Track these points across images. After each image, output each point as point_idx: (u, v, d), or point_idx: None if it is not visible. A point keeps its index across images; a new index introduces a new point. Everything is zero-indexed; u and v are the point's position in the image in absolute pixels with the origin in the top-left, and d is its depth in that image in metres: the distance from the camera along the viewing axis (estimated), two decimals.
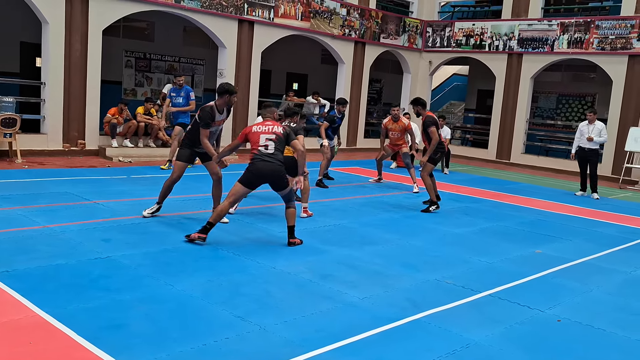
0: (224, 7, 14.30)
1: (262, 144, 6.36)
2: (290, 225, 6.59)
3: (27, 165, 10.76)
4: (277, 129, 6.46)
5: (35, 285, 4.75)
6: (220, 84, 7.13)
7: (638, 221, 9.86)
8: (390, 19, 18.79)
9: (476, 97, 22.38)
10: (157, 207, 7.34)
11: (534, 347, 4.31)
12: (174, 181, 7.22)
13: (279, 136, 6.43)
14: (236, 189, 6.43)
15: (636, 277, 6.42)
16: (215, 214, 6.37)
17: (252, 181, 6.40)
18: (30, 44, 14.08)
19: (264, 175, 6.33)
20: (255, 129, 6.48)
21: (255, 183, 6.43)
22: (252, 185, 6.43)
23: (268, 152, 6.33)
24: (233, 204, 6.60)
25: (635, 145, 14.66)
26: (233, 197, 6.48)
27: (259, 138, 6.39)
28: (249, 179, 6.38)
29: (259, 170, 6.30)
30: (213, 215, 6.38)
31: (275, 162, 6.33)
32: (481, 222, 8.78)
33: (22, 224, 6.54)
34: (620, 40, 15.75)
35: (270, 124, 6.53)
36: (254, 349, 3.90)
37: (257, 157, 6.34)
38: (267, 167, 6.29)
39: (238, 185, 6.42)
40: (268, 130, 6.43)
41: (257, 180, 6.40)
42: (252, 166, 6.34)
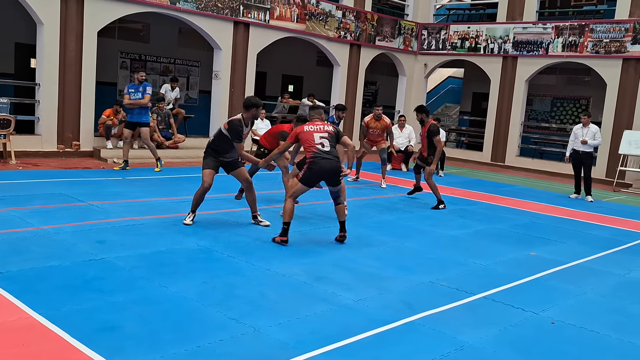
0: (219, 8, 14.30)
1: (318, 142, 6.62)
2: (341, 221, 6.89)
3: (22, 167, 10.73)
4: (329, 127, 6.77)
5: (29, 286, 4.73)
6: (247, 97, 7.30)
7: (632, 224, 9.90)
8: (386, 21, 18.82)
9: (471, 100, 22.45)
10: (193, 215, 7.28)
11: (528, 349, 4.32)
12: (205, 190, 7.18)
13: (331, 134, 6.73)
14: (297, 188, 6.69)
15: (630, 279, 6.44)
16: (287, 215, 6.58)
17: (314, 179, 6.68)
18: (25, 44, 14.04)
19: (326, 172, 6.61)
20: (308, 129, 6.72)
21: (316, 181, 6.74)
22: (313, 183, 6.74)
23: (325, 150, 6.60)
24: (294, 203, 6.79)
25: (629, 148, 14.73)
26: (294, 195, 6.72)
27: (313, 137, 6.65)
28: (311, 178, 6.66)
29: (322, 168, 6.57)
30: (285, 217, 6.59)
31: (334, 159, 6.62)
32: (476, 224, 8.79)
33: (16, 225, 6.52)
34: (615, 43, 15.82)
35: (321, 124, 6.82)
36: (248, 351, 3.90)
37: (317, 155, 6.58)
38: (328, 164, 6.57)
39: (299, 185, 6.66)
40: (321, 129, 6.72)
41: (318, 178, 6.71)
42: (314, 165, 6.57)
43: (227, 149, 7.14)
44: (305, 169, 6.65)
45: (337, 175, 6.64)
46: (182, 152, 13.63)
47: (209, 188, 7.19)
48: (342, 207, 6.89)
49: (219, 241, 6.55)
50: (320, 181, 6.87)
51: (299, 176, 6.70)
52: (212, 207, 8.13)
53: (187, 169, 12.06)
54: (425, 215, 9.19)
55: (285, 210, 6.64)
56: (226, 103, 15.12)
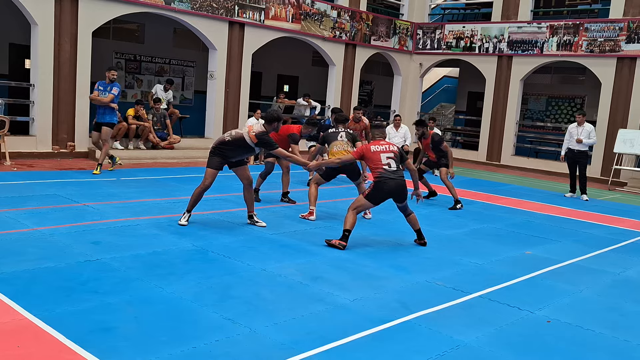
0: (214, 9, 14.28)
1: (385, 162, 6.79)
2: (416, 229, 7.15)
3: (16, 168, 10.70)
4: (394, 148, 6.95)
5: (24, 288, 4.71)
6: (269, 111, 7.44)
7: (627, 222, 9.92)
8: (381, 21, 18.83)
9: (466, 99, 22.48)
10: (188, 215, 7.26)
11: (524, 348, 4.32)
12: (205, 189, 7.17)
13: (396, 154, 6.90)
14: (362, 203, 6.87)
15: (625, 278, 6.46)
16: (349, 224, 6.71)
17: (379, 198, 6.83)
18: (19, 45, 14.00)
19: (393, 192, 6.80)
20: (374, 149, 6.89)
21: (381, 199, 6.87)
22: (379, 201, 6.89)
23: (393, 170, 6.77)
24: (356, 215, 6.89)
25: (624, 147, 14.77)
26: (357, 210, 6.86)
27: (380, 157, 6.82)
28: (378, 197, 6.82)
29: (390, 189, 6.76)
30: (346, 225, 6.71)
31: (400, 179, 6.78)
32: (471, 223, 8.80)
33: (10, 226, 6.50)
34: (609, 42, 15.87)
35: (385, 144, 7.00)
36: (244, 352, 3.89)
37: (384, 176, 6.73)
38: (395, 184, 6.74)
39: (364, 201, 6.84)
40: (387, 149, 6.89)
41: (385, 197, 6.86)
42: (383, 185, 6.74)
43: (241, 153, 7.22)
44: (371, 187, 6.82)
45: (403, 194, 6.84)
46: (178, 152, 13.60)
47: (209, 187, 7.18)
48: (414, 216, 7.11)
49: (214, 242, 6.54)
50: (385, 199, 6.96)
51: (365, 193, 6.87)
52: (208, 207, 8.12)
53: (183, 170, 12.04)
54: (420, 214, 9.17)
55: (346, 219, 6.77)
56: (221, 103, 15.10)
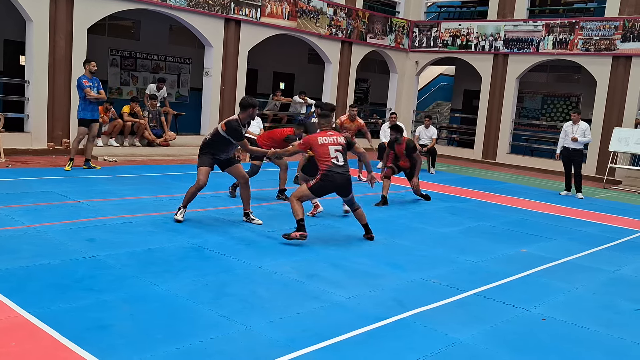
0: (210, 5, 14.25)
1: (333, 155, 6.68)
2: (363, 224, 7.01)
3: (11, 164, 10.66)
4: (341, 139, 6.82)
5: (19, 285, 4.70)
6: (243, 97, 7.33)
7: (622, 221, 9.95)
8: (377, 18, 18.82)
9: (462, 98, 22.51)
10: (184, 210, 7.24)
11: (519, 345, 4.34)
12: (200, 188, 7.15)
13: (343, 146, 6.78)
14: (305, 193, 6.73)
15: (620, 276, 6.48)
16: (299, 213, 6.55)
17: (324, 190, 6.74)
18: (14, 42, 13.94)
19: (337, 185, 6.70)
20: (322, 141, 6.75)
21: (326, 192, 6.79)
22: (322, 193, 6.81)
23: (340, 164, 6.68)
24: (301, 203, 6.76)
25: (619, 146, 14.81)
26: (301, 200, 6.71)
27: (328, 150, 6.70)
28: (323, 190, 6.73)
29: (336, 184, 6.68)
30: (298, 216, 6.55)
31: (346, 174, 6.70)
32: (467, 221, 8.82)
33: (5, 223, 6.47)
34: (605, 41, 15.90)
35: (333, 135, 6.85)
36: (240, 349, 3.89)
37: (332, 170, 6.64)
38: (341, 179, 6.66)
39: (307, 192, 6.71)
40: (334, 142, 6.76)
41: (328, 189, 6.75)
42: (330, 179, 6.63)
43: (224, 149, 7.17)
44: (317, 179, 6.70)
45: (348, 188, 6.78)
46: (173, 149, 13.58)
47: (203, 186, 7.17)
48: (361, 211, 7.00)
49: (210, 239, 6.54)
50: (329, 192, 6.89)
51: (310, 184, 6.74)
52: (203, 204, 8.11)
53: (178, 167, 12.02)
54: (416, 212, 9.21)
55: (294, 210, 6.62)
56: (217, 100, 15.08)
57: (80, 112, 10.61)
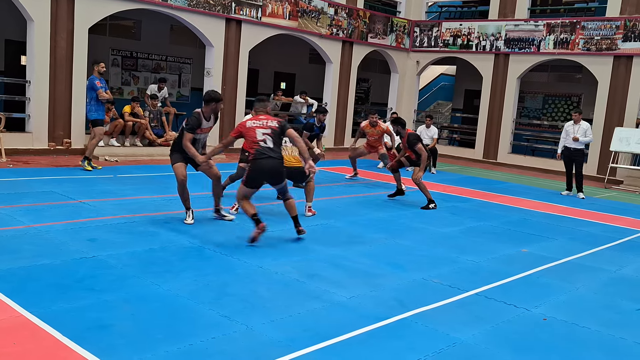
0: (211, 5, 14.25)
1: (260, 138, 6.33)
2: (293, 216, 6.71)
3: (12, 164, 10.66)
4: (272, 123, 6.45)
5: (20, 285, 4.70)
6: (207, 91, 7.17)
7: (623, 220, 9.95)
8: (378, 18, 18.82)
9: (463, 97, 22.50)
10: (191, 212, 7.23)
11: (520, 345, 4.33)
12: (183, 182, 7.07)
13: (274, 130, 6.41)
14: (243, 192, 6.48)
15: (621, 276, 6.47)
16: (249, 211, 6.38)
17: (256, 180, 6.43)
18: (15, 41, 13.95)
19: (266, 172, 6.36)
20: (250, 124, 6.44)
21: (260, 181, 6.46)
22: (257, 184, 6.48)
23: (268, 147, 6.33)
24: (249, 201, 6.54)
25: (620, 145, 14.80)
26: (244, 198, 6.49)
27: (256, 133, 6.35)
28: (253, 179, 6.41)
29: (264, 168, 6.32)
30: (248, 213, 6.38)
31: (276, 158, 6.36)
32: (468, 221, 8.81)
33: (6, 223, 6.48)
34: (606, 41, 15.89)
35: (265, 118, 6.52)
36: (241, 349, 3.89)
37: (258, 153, 6.31)
38: (269, 163, 6.31)
39: (243, 188, 6.46)
40: (264, 125, 6.41)
41: (260, 178, 6.43)
42: (254, 165, 6.32)
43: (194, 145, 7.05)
44: (247, 170, 6.42)
45: (278, 174, 6.45)
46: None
47: (184, 179, 7.05)
48: (292, 201, 6.67)
49: (211, 239, 6.54)
50: (265, 181, 6.56)
51: (243, 179, 6.48)
52: (203, 205, 8.11)
53: None
54: (417, 212, 9.21)
55: (243, 209, 6.46)
56: None
57: (94, 113, 10.75)
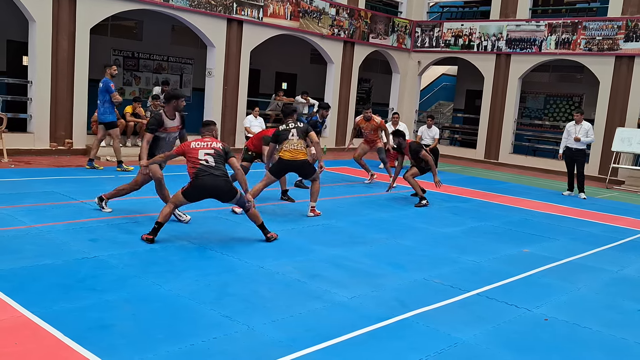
0: (212, 6, 14.26)
1: (202, 158, 6.36)
2: (259, 224, 6.66)
3: (14, 165, 10.68)
4: (216, 145, 6.50)
5: (21, 285, 4.71)
6: (167, 90, 7.12)
7: (624, 221, 9.93)
8: (379, 19, 18.82)
9: (465, 98, 22.48)
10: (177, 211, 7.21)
11: (522, 345, 4.33)
12: (159, 181, 7.13)
13: (218, 151, 6.45)
14: (178, 199, 6.43)
15: (622, 276, 6.47)
16: (161, 216, 6.33)
17: (195, 194, 6.42)
18: (17, 42, 13.96)
19: (208, 188, 6.35)
20: (194, 145, 6.48)
21: (198, 196, 6.47)
22: (194, 198, 6.47)
23: (210, 165, 6.34)
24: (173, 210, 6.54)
25: (622, 146, 14.78)
26: (174, 205, 6.46)
27: (198, 153, 6.39)
28: (194, 194, 6.41)
29: (205, 185, 6.31)
30: (159, 217, 6.34)
31: (220, 177, 6.35)
32: (469, 221, 8.81)
33: (8, 223, 6.49)
34: (607, 41, 15.87)
35: (209, 140, 6.56)
36: (242, 349, 3.89)
37: (201, 171, 6.33)
38: (212, 181, 6.31)
39: (180, 196, 6.41)
40: (207, 146, 6.46)
41: (200, 193, 6.43)
42: (197, 181, 6.34)
43: (161, 145, 7.07)
44: (189, 183, 6.43)
45: (224, 193, 6.43)
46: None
47: (162, 178, 7.13)
48: (253, 211, 6.63)
49: (211, 239, 6.54)
50: (204, 198, 6.58)
51: (183, 188, 6.46)
52: (205, 205, 8.11)
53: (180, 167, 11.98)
54: (418, 212, 9.20)
55: (162, 211, 6.39)
56: (220, 101, 15.09)
57: (109, 116, 10.84)
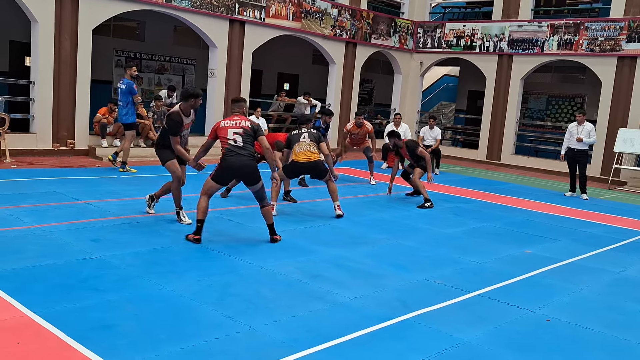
0: (214, 6, 14.27)
1: (230, 137, 6.40)
2: (269, 224, 6.67)
3: (16, 165, 10.70)
4: (245, 123, 6.51)
5: (24, 285, 4.72)
6: (185, 88, 7.14)
7: (626, 222, 9.92)
8: (381, 19, 18.82)
9: (467, 98, 22.47)
10: (182, 211, 7.25)
11: (523, 346, 4.33)
12: (178, 179, 7.09)
13: (246, 130, 6.46)
14: (209, 185, 6.50)
15: (624, 277, 6.46)
16: (199, 212, 6.40)
17: (224, 176, 6.48)
18: (19, 42, 13.99)
19: (235, 169, 6.40)
20: (223, 124, 6.52)
21: (227, 178, 6.54)
22: (224, 180, 6.54)
23: (238, 146, 6.37)
24: (208, 200, 6.56)
25: (624, 147, 14.76)
26: (206, 193, 6.50)
27: (227, 132, 6.43)
28: (220, 175, 6.47)
29: (230, 165, 6.37)
30: (197, 214, 6.41)
31: (245, 156, 6.38)
32: (471, 222, 8.81)
33: (10, 223, 6.50)
34: (610, 42, 15.86)
35: (238, 119, 6.57)
36: (244, 349, 3.90)
37: (228, 151, 6.39)
38: (238, 160, 6.35)
39: (210, 182, 6.49)
40: (235, 125, 6.48)
41: (228, 175, 6.50)
42: (224, 162, 6.41)
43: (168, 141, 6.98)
44: (217, 166, 6.50)
45: (249, 174, 6.42)
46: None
47: (181, 178, 7.09)
48: (268, 209, 6.66)
49: (214, 240, 6.54)
50: (233, 178, 6.71)
51: (211, 174, 6.53)
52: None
53: None
54: (420, 213, 9.20)
55: (198, 207, 6.45)
56: (222, 101, 15.10)
57: (131, 117, 10.93)
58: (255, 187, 6.52)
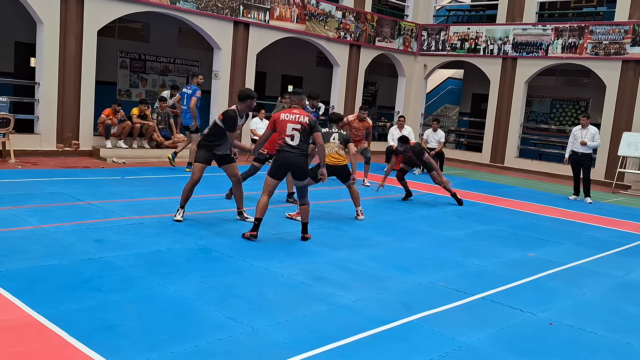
0: (219, 8, 14.30)
1: (289, 133, 6.55)
2: (304, 222, 6.88)
3: (21, 166, 10.73)
4: (304, 119, 6.61)
5: (28, 285, 4.73)
6: (241, 89, 7.44)
7: (630, 225, 9.90)
8: (386, 22, 18.83)
9: (471, 101, 22.46)
10: (182, 210, 7.32)
11: (526, 350, 4.33)
12: (195, 183, 7.23)
13: (304, 126, 6.58)
14: (267, 182, 6.71)
15: (628, 281, 6.45)
16: (258, 211, 6.63)
17: (279, 172, 6.68)
18: (24, 44, 14.05)
19: (288, 164, 6.59)
20: (283, 117, 6.63)
21: (282, 173, 6.73)
22: (280, 176, 6.73)
23: (292, 144, 6.55)
24: (269, 198, 6.74)
25: (628, 150, 14.74)
26: (267, 190, 6.70)
27: (286, 127, 6.57)
28: (276, 170, 6.67)
29: (284, 160, 6.57)
30: (256, 212, 6.64)
31: (298, 154, 6.57)
32: (474, 225, 8.80)
33: (15, 224, 6.52)
34: (614, 45, 15.84)
35: (298, 113, 6.67)
36: (246, 351, 3.90)
37: (282, 146, 6.58)
38: (291, 157, 6.55)
39: (268, 179, 6.70)
40: (295, 120, 6.60)
41: (283, 169, 6.69)
42: (278, 155, 6.62)
43: (221, 141, 7.22)
44: (272, 161, 6.70)
45: (300, 169, 6.62)
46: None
47: (197, 182, 7.24)
48: (306, 207, 6.87)
49: (217, 241, 6.55)
50: (287, 172, 6.85)
51: (268, 171, 6.74)
52: (210, 206, 8.14)
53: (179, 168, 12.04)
54: (423, 215, 9.20)
55: (257, 205, 6.67)
56: (226, 103, 15.12)
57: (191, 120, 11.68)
58: (301, 183, 6.73)
